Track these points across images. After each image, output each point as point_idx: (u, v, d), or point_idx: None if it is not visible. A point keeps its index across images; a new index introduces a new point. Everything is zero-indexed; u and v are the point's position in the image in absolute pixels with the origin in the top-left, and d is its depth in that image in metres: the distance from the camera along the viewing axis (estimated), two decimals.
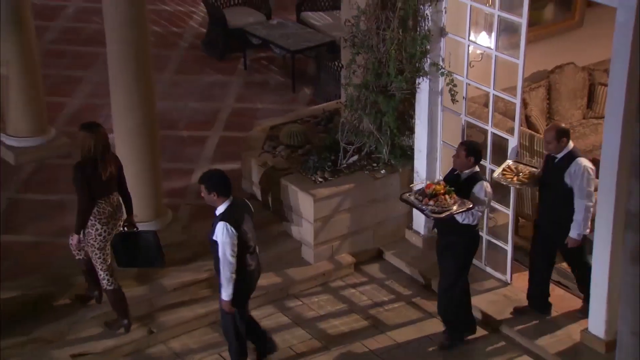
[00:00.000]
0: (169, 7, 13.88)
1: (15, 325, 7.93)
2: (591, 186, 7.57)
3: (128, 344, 8.02)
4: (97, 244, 7.78)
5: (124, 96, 8.55)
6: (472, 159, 7.61)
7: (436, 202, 7.50)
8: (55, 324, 8.08)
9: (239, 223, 7.22)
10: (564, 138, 7.61)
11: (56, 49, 12.37)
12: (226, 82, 12.06)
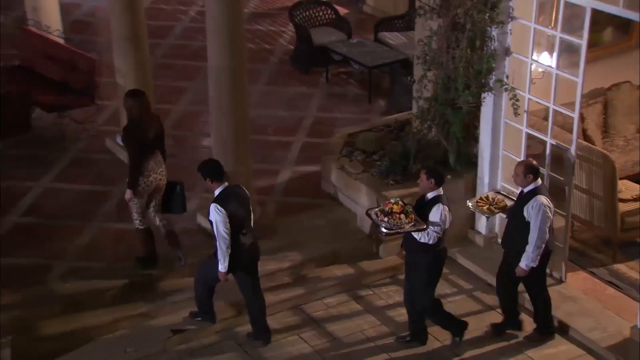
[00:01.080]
0: (262, 26, 13.87)
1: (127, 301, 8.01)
2: (545, 224, 7.18)
3: (219, 323, 7.96)
4: (137, 192, 8.03)
5: (222, 104, 8.59)
6: (433, 181, 7.28)
7: (389, 220, 7.29)
8: (159, 302, 8.10)
9: (229, 204, 7.33)
10: (530, 175, 7.22)
11: (165, 62, 12.45)
12: (310, 94, 11.98)
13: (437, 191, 7.34)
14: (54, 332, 7.64)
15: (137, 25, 9.73)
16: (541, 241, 7.21)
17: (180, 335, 7.82)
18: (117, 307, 7.97)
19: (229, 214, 7.29)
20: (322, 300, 8.34)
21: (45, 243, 8.75)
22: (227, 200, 7.38)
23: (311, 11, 12.86)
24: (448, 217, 7.30)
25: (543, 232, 7.18)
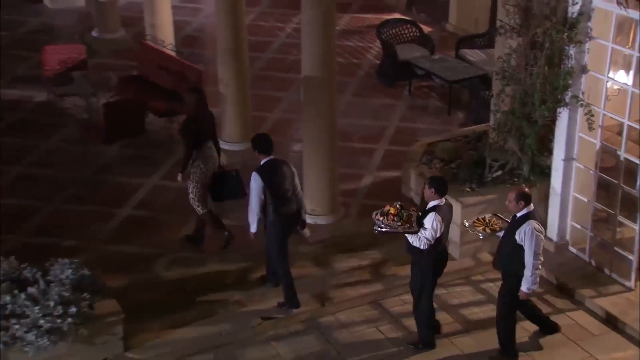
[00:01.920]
0: (351, 42, 13.79)
1: (222, 290, 8.05)
2: (539, 247, 6.85)
3: (304, 313, 7.89)
4: (197, 178, 8.26)
5: (313, 113, 8.55)
6: (433, 190, 7.05)
7: (383, 220, 7.15)
8: (250, 291, 8.08)
9: (269, 175, 7.51)
10: (522, 202, 6.88)
11: (263, 74, 12.47)
12: (393, 105, 11.81)
13: (438, 200, 7.08)
14: (159, 313, 7.70)
15: (239, 41, 9.82)
16: (538, 263, 6.89)
17: (269, 321, 7.78)
18: (213, 294, 7.98)
19: (266, 184, 7.46)
20: (399, 296, 8.16)
21: (153, 234, 8.86)
22: (268, 171, 7.55)
23: (397, 29, 12.73)
24: (439, 226, 7.01)
25: (538, 255, 6.86)
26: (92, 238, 8.72)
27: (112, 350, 7.19)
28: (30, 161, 10.06)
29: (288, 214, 7.67)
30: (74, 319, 6.78)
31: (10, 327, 6.60)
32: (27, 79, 11.79)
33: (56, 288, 6.88)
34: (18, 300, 6.73)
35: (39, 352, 6.71)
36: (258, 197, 7.53)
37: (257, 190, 7.52)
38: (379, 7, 15.11)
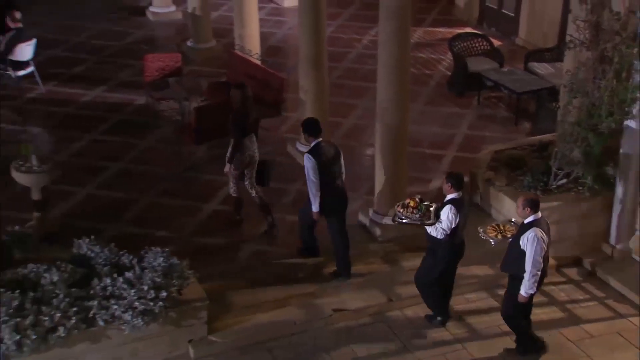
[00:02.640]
0: (424, 54, 13.67)
1: (298, 282, 8.06)
2: (538, 254, 6.65)
3: (373, 307, 7.84)
4: (239, 165, 8.50)
5: (386, 120, 8.47)
6: (450, 184, 7.10)
7: (403, 211, 7.27)
8: (324, 285, 8.07)
9: (320, 156, 7.60)
10: (528, 208, 6.71)
11: (340, 82, 12.47)
12: (462, 114, 11.65)
13: (455, 194, 7.11)
14: (239, 301, 7.79)
15: (319, 51, 9.83)
16: (536, 269, 6.69)
17: (340, 314, 7.76)
18: (289, 286, 8.01)
19: (318, 164, 7.53)
20: (464, 295, 8.04)
21: (236, 228, 8.94)
22: (318, 152, 7.63)
23: (469, 42, 12.54)
24: (454, 218, 7.03)
25: (537, 262, 6.66)
26: (181, 230, 8.85)
27: (196, 333, 7.30)
28: (129, 158, 10.28)
29: (335, 192, 7.81)
30: (164, 303, 6.90)
31: (110, 307, 6.77)
32: (130, 84, 12.08)
33: (149, 274, 7.02)
34: (117, 283, 6.90)
35: (133, 330, 6.87)
36: (314, 177, 7.60)
37: (312, 170, 7.59)
38: (451, 21, 14.94)
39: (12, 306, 6.51)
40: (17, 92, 11.53)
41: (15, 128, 10.76)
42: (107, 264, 7.16)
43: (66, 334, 6.62)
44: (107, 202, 9.32)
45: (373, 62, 12.25)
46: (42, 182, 8.27)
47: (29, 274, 6.93)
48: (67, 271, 6.96)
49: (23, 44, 11.29)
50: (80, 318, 6.69)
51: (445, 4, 15.76)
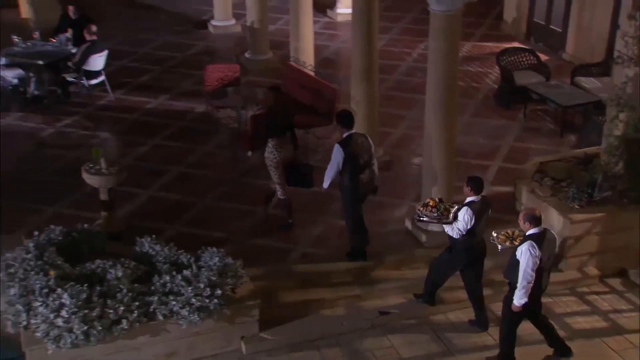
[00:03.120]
0: (472, 68, 13.53)
1: (345, 284, 8.05)
2: (530, 267, 6.55)
3: (418, 310, 7.78)
4: (274, 164, 8.56)
5: (434, 130, 8.41)
6: (470, 188, 7.21)
7: (422, 210, 7.42)
8: (370, 288, 8.05)
9: (349, 147, 7.78)
10: (528, 222, 6.68)
11: (390, 94, 12.42)
12: (508, 126, 11.47)
13: (474, 197, 7.20)
14: (289, 301, 7.82)
15: (371, 63, 9.81)
16: (526, 281, 6.59)
17: (385, 316, 7.73)
18: (337, 288, 8.01)
19: (347, 154, 7.73)
20: None
21: (287, 231, 8.95)
22: (348, 143, 7.82)
23: (516, 56, 12.36)
24: (469, 219, 7.11)
25: (527, 274, 6.57)
26: (236, 231, 8.91)
27: (249, 330, 7.35)
28: (189, 162, 10.41)
29: (361, 180, 7.94)
30: (219, 300, 6.97)
31: (169, 303, 6.87)
32: (191, 92, 12.25)
33: (206, 273, 7.09)
34: (175, 281, 6.99)
35: (190, 325, 6.95)
36: (336, 164, 7.85)
37: (336, 159, 7.84)
38: (499, 36, 14.76)
39: (80, 299, 6.67)
40: (89, 99, 11.82)
41: (87, 133, 11.04)
42: (166, 262, 7.26)
43: (129, 327, 6.75)
44: (168, 203, 9.46)
45: (422, 74, 12.17)
46: (110, 184, 8.45)
47: (96, 269, 7.09)
48: (131, 268, 7.10)
49: (96, 55, 11.59)
50: (141, 312, 6.81)
51: (493, 19, 15.59)
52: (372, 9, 9.56)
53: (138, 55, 13.78)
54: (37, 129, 11.03)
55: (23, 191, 9.50)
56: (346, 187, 7.96)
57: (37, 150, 10.57)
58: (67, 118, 11.35)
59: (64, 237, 7.56)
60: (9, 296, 6.85)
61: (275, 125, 8.58)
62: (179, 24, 15.11)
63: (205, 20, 15.15)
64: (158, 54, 13.86)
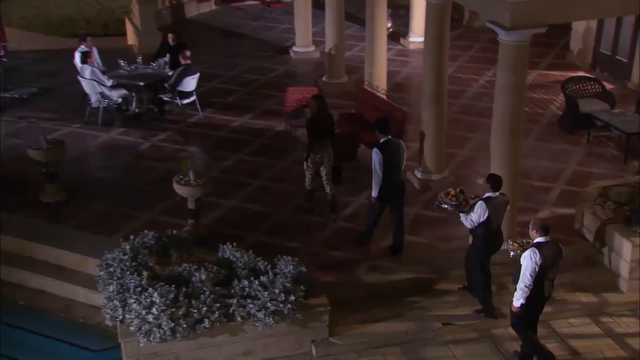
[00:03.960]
0: (537, 95, 13.16)
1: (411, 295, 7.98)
2: (528, 271, 6.62)
3: (480, 323, 7.60)
4: (310, 164, 9.08)
5: (499, 153, 8.27)
6: (489, 185, 7.41)
7: (443, 197, 7.60)
8: (435, 300, 7.94)
9: (386, 151, 8.11)
10: (535, 230, 6.75)
11: (457, 117, 12.23)
12: (571, 151, 11.10)
13: (491, 193, 7.37)
14: (358, 309, 7.77)
15: (440, 88, 9.72)
16: (524, 284, 6.63)
17: (448, 327, 7.58)
18: (403, 299, 7.92)
19: (384, 158, 8.07)
20: (567, 319, 7.66)
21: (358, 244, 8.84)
22: (385, 148, 8.17)
23: (581, 85, 11.95)
24: (482, 212, 7.29)
25: (526, 277, 6.62)
26: (310, 242, 8.91)
27: (319, 335, 7.35)
28: (268, 176, 10.50)
29: (395, 182, 8.30)
30: (292, 306, 7.00)
31: (246, 306, 6.95)
32: (272, 112, 12.38)
33: (281, 279, 7.14)
34: (253, 285, 7.06)
35: (265, 327, 7.01)
36: (379, 169, 8.10)
37: (378, 163, 8.12)
38: (564, 65, 14.33)
39: (169, 298, 6.82)
40: (181, 117, 12.13)
41: (178, 147, 11.33)
42: (245, 268, 7.34)
43: (210, 326, 6.86)
44: (248, 213, 9.56)
45: (488, 100, 11.99)
46: (197, 194, 8.62)
47: (182, 271, 7.24)
48: (213, 272, 7.21)
49: (189, 77, 11.90)
50: (222, 313, 6.91)
51: (559, 50, 15.18)
52: (444, 38, 9.48)
53: (226, 78, 14.07)
54: (136, 143, 11.38)
55: (122, 198, 9.81)
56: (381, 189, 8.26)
57: (135, 162, 10.90)
58: (161, 133, 11.67)
59: (156, 241, 7.76)
60: (108, 292, 7.07)
61: (317, 130, 8.94)
62: (263, 50, 15.36)
63: (287, 47, 15.35)
64: (244, 77, 14.11)
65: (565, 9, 7.67)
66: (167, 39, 12.88)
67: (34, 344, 7.72)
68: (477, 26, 15.78)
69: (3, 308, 8.18)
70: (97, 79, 11.62)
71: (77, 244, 8.64)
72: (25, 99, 12.66)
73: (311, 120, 9.05)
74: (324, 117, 9.06)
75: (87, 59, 11.74)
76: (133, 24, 15.63)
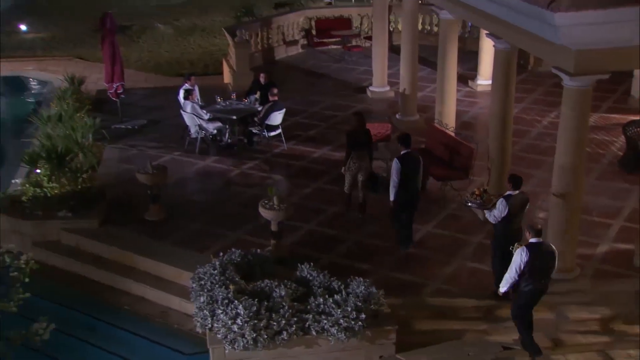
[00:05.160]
0: (598, 136, 12.67)
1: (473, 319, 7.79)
2: (515, 265, 6.93)
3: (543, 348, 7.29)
4: (349, 172, 9.64)
5: (561, 189, 8.04)
6: (510, 185, 7.72)
7: (469, 196, 8.01)
8: (496, 324, 7.71)
9: (405, 163, 8.57)
10: (528, 232, 7.00)
11: (521, 155, 11.80)
12: (631, 189, 10.58)
13: (511, 191, 7.68)
14: (422, 329, 7.66)
15: (506, 128, 9.59)
16: (509, 275, 7.02)
17: (508, 351, 7.34)
18: (466, 322, 7.75)
19: (402, 168, 8.52)
20: (626, 350, 7.25)
21: (424, 267, 8.80)
22: (404, 160, 8.62)
23: None
24: (503, 209, 7.59)
25: (512, 270, 6.99)
26: (379, 265, 8.87)
27: (386, 351, 7.26)
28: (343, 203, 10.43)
29: (410, 188, 8.68)
30: (363, 323, 6.96)
31: (321, 321, 6.95)
32: None
33: (352, 298, 7.12)
34: (327, 303, 7.07)
35: (337, 342, 7.00)
36: (396, 177, 8.55)
37: (396, 171, 8.56)
38: (625, 109, 13.74)
39: (252, 311, 6.92)
40: (268, 147, 12.39)
41: (264, 175, 11.55)
42: (321, 286, 7.37)
43: (288, 338, 6.89)
44: (324, 237, 9.60)
45: (550, 139, 11.64)
46: (280, 217, 8.76)
47: (264, 287, 7.33)
48: (292, 289, 7.27)
49: (276, 112, 12.17)
50: (298, 327, 6.94)
51: (620, 94, 14.61)
52: (510, 82, 9.35)
53: (308, 113, 14.29)
54: (227, 170, 11.68)
55: (214, 219, 10.07)
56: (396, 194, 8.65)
57: (226, 187, 11.18)
58: (250, 162, 11.93)
59: (242, 258, 7.89)
60: (199, 303, 7.24)
61: (355, 141, 9.49)
62: (343, 89, 15.52)
63: (364, 87, 15.47)
64: (324, 113, 14.29)
65: (627, 58, 7.41)
66: (258, 78, 13.23)
67: (134, 344, 7.99)
68: (541, 71, 15.46)
69: (110, 311, 8.53)
70: (197, 113, 12.08)
71: (174, 258, 8.90)
72: (136, 130, 13.27)
73: (351, 132, 9.62)
74: (362, 131, 9.60)
75: (189, 95, 12.24)
76: (229, 65, 16.19)
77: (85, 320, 8.31)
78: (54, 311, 7.74)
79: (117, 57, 13.24)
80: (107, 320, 8.34)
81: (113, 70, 13.26)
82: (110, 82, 13.39)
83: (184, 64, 17.79)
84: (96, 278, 9.07)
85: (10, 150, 13.06)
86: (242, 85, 14.21)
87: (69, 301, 8.61)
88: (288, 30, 17.89)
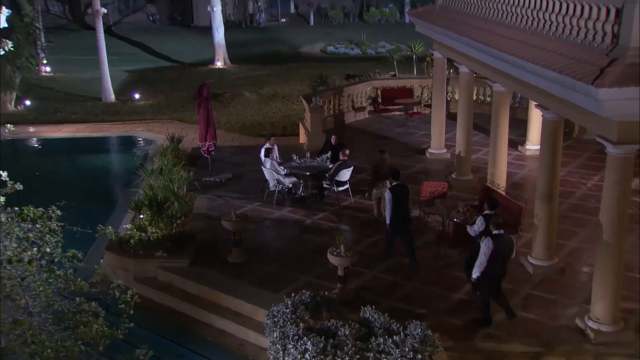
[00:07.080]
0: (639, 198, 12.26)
1: None
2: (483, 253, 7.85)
3: None
4: (375, 196, 11.12)
5: (605, 246, 7.86)
6: (487, 205, 8.69)
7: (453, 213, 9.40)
8: None
9: (395, 193, 9.60)
10: (492, 226, 7.94)
11: (566, 214, 11.58)
12: None
13: (488, 212, 8.55)
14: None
15: (552, 188, 9.46)
16: (480, 262, 7.87)
17: None
18: None
19: (393, 197, 9.45)
20: None
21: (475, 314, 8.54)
22: (396, 190, 9.62)
23: None
24: (481, 226, 8.48)
25: (481, 258, 7.88)
26: (435, 309, 8.79)
27: None
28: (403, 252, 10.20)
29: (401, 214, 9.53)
30: None
31: (381, 359, 6.89)
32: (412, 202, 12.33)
33: (410, 340, 7.06)
34: (387, 343, 7.01)
35: None
36: (390, 205, 9.50)
37: (389, 201, 9.54)
38: None
39: (319, 347, 6.95)
40: (337, 201, 12.56)
41: (333, 225, 11.69)
42: (381, 327, 7.34)
43: None
44: (386, 282, 9.59)
45: (594, 201, 11.36)
46: (345, 263, 8.86)
47: (331, 326, 7.35)
48: (355, 329, 7.27)
49: (345, 170, 12.42)
50: None
51: None
52: (557, 147, 9.29)
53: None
54: (300, 220, 11.90)
55: (287, 263, 10.28)
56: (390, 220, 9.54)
57: (299, 235, 11.40)
58: (320, 213, 12.12)
59: (311, 299, 7.97)
60: (273, 337, 7.35)
61: (379, 173, 10.87)
62: (404, 150, 15.62)
63: (424, 149, 15.57)
64: None
65: None
66: (330, 139, 13.57)
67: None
68: (586, 139, 15.16)
69: (196, 341, 8.78)
70: (275, 169, 12.54)
71: (252, 297, 9.09)
72: (223, 183, 13.82)
73: (377, 166, 11.04)
74: (385, 165, 10.96)
75: (269, 153, 12.76)
76: (305, 127, 16.73)
77: (176, 349, 8.56)
78: (149, 338, 8.02)
79: (210, 120, 14.01)
80: (193, 349, 8.56)
81: (207, 131, 14.03)
82: (203, 141, 14.15)
83: (265, 126, 18.49)
84: (185, 311, 9.38)
85: (121, 198, 13.93)
86: (315, 145, 14.56)
87: (162, 331, 8.89)
88: (357, 98, 18.39)
